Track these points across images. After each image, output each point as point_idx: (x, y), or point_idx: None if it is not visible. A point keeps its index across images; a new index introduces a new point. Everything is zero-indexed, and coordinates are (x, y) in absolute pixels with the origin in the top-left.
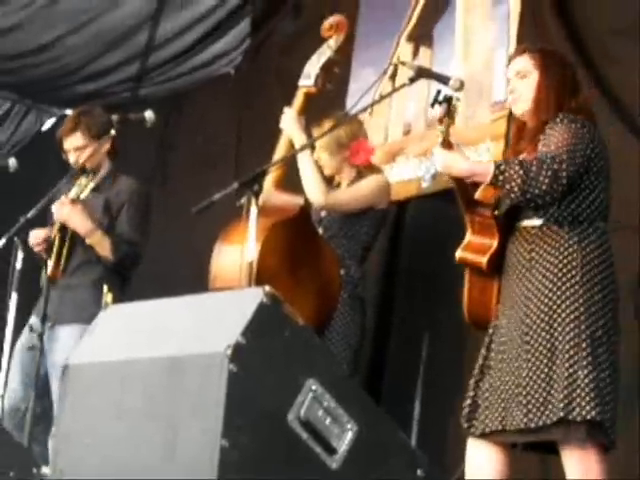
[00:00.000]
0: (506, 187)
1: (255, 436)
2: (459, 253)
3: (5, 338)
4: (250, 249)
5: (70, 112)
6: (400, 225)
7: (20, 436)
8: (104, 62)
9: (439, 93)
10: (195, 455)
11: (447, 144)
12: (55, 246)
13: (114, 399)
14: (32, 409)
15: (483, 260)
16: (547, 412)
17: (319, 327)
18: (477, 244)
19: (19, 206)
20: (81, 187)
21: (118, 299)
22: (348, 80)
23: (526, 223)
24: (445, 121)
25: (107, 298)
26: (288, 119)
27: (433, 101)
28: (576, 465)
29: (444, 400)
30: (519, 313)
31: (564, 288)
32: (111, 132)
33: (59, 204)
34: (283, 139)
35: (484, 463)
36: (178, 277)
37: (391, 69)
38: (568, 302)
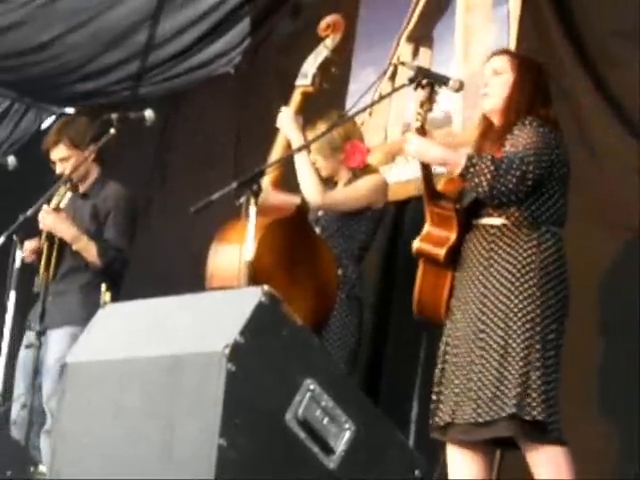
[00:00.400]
0: (475, 180)
1: (253, 435)
2: (417, 244)
3: (4, 336)
4: (249, 248)
5: (70, 111)
6: (399, 226)
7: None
8: (104, 61)
9: (422, 77)
10: (193, 454)
11: (422, 130)
12: (44, 254)
13: (112, 398)
14: (29, 407)
15: (441, 252)
16: (495, 408)
17: (316, 327)
18: (436, 236)
19: (18, 204)
20: (60, 196)
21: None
22: (348, 81)
23: (486, 221)
24: (425, 106)
25: (105, 297)
26: (285, 118)
27: (416, 84)
28: (543, 463)
29: None
30: (475, 310)
31: (522, 289)
32: (99, 140)
33: (42, 214)
34: (280, 139)
35: (463, 466)
36: (177, 276)
37: (391, 69)
38: (525, 303)
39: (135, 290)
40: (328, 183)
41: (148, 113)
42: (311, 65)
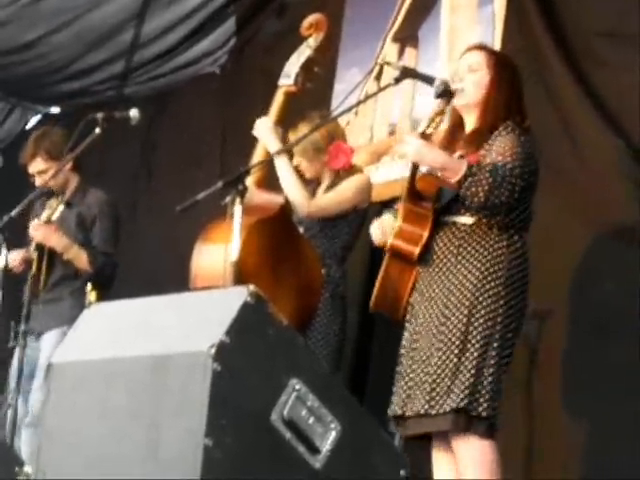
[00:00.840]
0: (472, 189)
1: (238, 435)
2: (392, 240)
3: None
4: (235, 248)
5: (55, 110)
6: None
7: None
8: (89, 60)
9: (444, 85)
10: (178, 454)
11: (426, 135)
12: (34, 264)
13: (98, 398)
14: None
15: (415, 250)
16: (449, 401)
17: (301, 326)
18: (408, 232)
19: (3, 203)
20: (52, 209)
21: None
22: (333, 81)
23: (456, 219)
24: (441, 116)
25: (91, 296)
26: (263, 129)
27: (439, 94)
28: (472, 456)
29: None
30: (439, 305)
31: (488, 287)
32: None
33: (34, 227)
34: (259, 147)
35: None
36: (162, 275)
37: (376, 69)
38: (490, 300)
39: (120, 290)
40: (311, 184)
41: (133, 112)
42: (294, 65)
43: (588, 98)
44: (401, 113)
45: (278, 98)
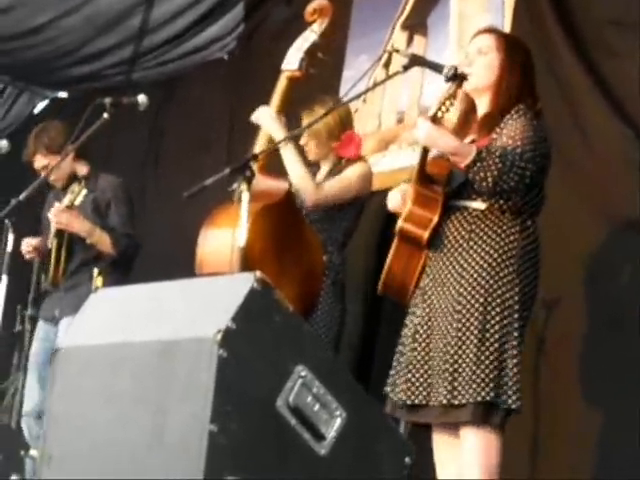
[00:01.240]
0: (480, 174)
1: (244, 421)
2: (401, 223)
3: None
4: (242, 234)
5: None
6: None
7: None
8: (98, 45)
9: (454, 69)
10: (184, 439)
11: (437, 119)
12: (53, 252)
13: (104, 383)
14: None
15: (425, 234)
16: (471, 391)
17: (304, 313)
18: (418, 216)
19: (10, 188)
20: (75, 194)
21: None
22: (342, 68)
23: (468, 204)
24: (452, 99)
25: (97, 282)
26: (266, 116)
27: (448, 77)
28: (477, 446)
29: None
30: (452, 292)
31: (502, 274)
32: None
33: (56, 212)
34: (262, 134)
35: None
36: (169, 261)
37: (385, 57)
38: (505, 288)
39: (128, 275)
40: (312, 167)
41: (141, 98)
42: (298, 50)
43: (598, 87)
44: (409, 101)
45: (281, 83)
